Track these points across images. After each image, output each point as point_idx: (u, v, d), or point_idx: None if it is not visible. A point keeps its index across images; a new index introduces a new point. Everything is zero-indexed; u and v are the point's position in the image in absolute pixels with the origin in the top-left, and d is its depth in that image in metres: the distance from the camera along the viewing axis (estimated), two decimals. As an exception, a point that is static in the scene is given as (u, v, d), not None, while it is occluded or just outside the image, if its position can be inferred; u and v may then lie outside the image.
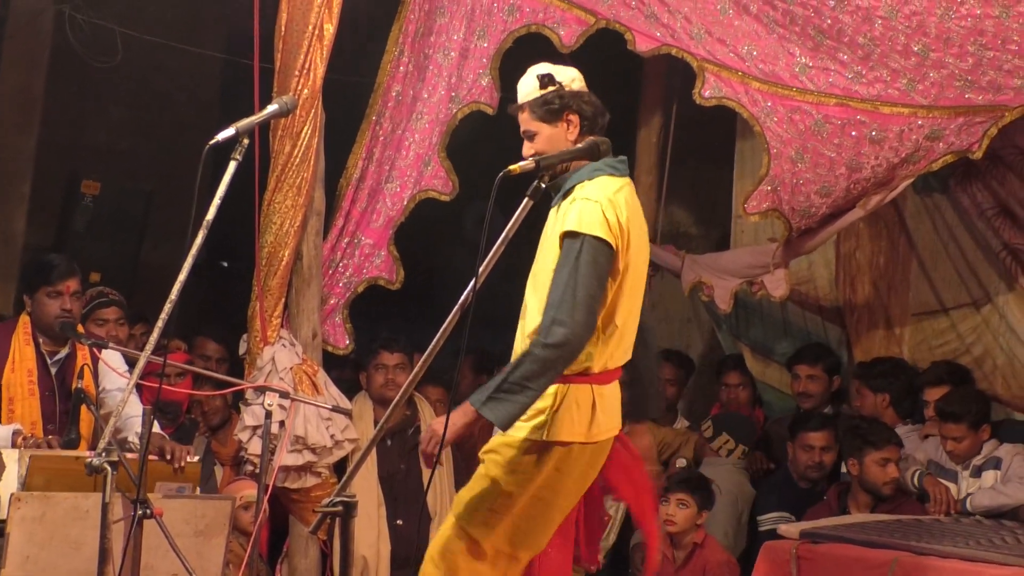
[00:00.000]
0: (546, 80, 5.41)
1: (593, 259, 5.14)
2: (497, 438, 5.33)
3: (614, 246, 5.19)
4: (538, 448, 5.27)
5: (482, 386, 5.19)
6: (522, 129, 5.47)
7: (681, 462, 8.48)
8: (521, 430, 5.24)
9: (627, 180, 5.43)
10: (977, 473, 7.40)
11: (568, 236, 5.18)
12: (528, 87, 5.47)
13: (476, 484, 5.38)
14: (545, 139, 5.40)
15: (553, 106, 5.38)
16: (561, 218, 5.28)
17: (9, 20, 9.68)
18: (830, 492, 7.70)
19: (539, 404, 5.21)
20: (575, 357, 5.17)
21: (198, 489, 6.48)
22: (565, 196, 5.33)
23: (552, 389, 5.23)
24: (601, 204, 5.19)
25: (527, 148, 5.44)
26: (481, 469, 5.38)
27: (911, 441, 7.87)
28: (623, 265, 5.25)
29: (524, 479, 5.28)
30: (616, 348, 5.35)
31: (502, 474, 5.30)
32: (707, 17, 7.60)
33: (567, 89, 5.43)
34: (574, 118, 5.39)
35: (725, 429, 8.43)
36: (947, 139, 7.20)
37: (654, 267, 9.44)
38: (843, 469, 7.72)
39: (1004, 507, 7.23)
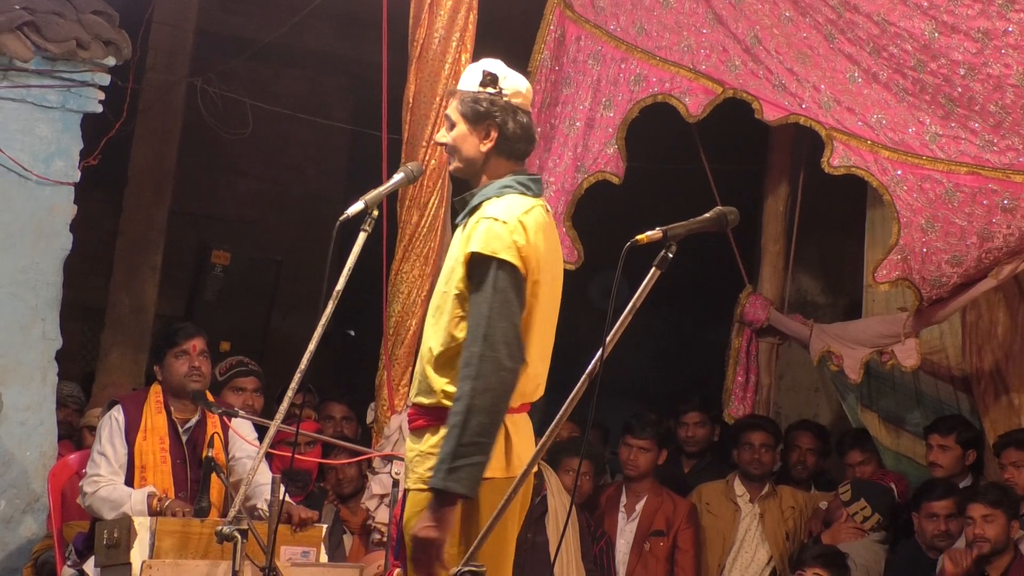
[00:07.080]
0: (488, 80, 4.98)
1: (507, 285, 4.75)
2: (411, 507, 4.83)
3: (522, 272, 4.79)
4: None
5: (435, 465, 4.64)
6: (446, 112, 5.10)
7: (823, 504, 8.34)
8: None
9: (540, 202, 4.99)
10: None
11: (476, 259, 4.76)
12: (471, 77, 5.04)
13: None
14: (459, 136, 4.98)
15: (479, 108, 4.94)
16: (466, 238, 4.86)
17: (143, 94, 9.90)
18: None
19: None
20: (512, 391, 4.72)
21: (323, 554, 6.49)
22: (471, 213, 4.94)
23: None
24: (509, 225, 4.78)
25: (442, 135, 5.07)
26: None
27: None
28: (531, 293, 4.83)
29: (454, 530, 4.76)
30: (525, 384, 4.85)
31: None
32: (836, 86, 7.54)
33: (503, 99, 4.98)
34: (494, 132, 4.95)
35: (864, 495, 8.22)
36: (1079, 208, 7.09)
37: (781, 336, 9.39)
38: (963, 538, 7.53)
39: None
